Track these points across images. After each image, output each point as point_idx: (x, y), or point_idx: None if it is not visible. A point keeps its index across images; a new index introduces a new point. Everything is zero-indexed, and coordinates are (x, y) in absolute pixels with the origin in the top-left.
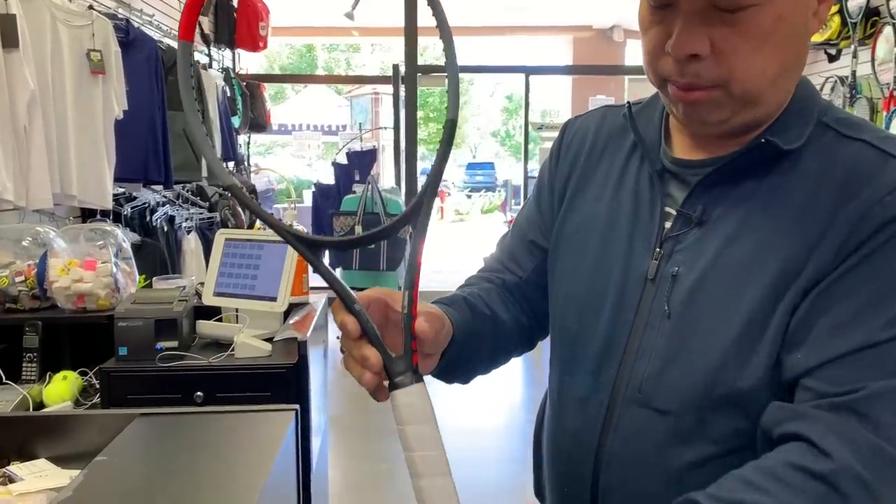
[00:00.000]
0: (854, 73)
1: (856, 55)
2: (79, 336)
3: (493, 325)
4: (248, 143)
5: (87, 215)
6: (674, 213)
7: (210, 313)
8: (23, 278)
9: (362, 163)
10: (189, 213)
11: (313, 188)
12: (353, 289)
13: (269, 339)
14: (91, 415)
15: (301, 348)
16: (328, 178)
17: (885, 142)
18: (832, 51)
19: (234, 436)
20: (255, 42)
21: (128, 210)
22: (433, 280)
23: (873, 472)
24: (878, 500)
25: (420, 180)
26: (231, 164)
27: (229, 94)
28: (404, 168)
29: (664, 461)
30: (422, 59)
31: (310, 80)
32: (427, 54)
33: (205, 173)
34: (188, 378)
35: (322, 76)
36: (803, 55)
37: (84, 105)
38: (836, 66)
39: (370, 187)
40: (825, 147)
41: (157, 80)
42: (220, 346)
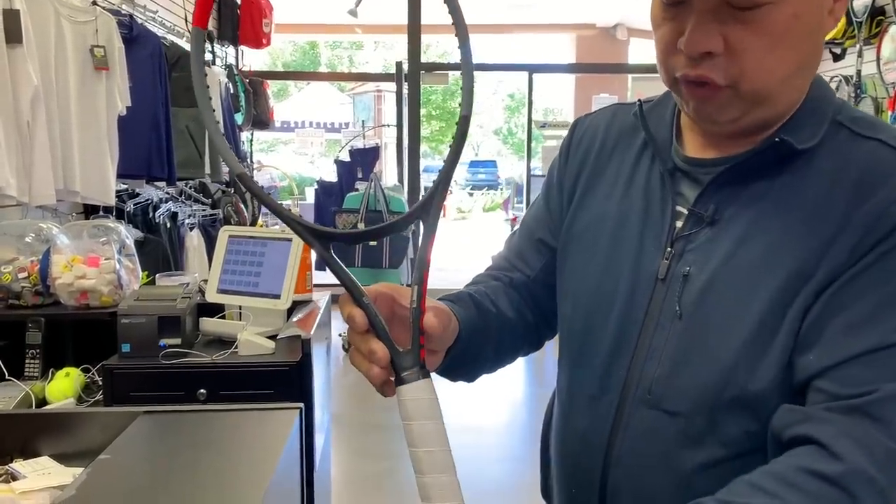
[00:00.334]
0: (859, 72)
1: (861, 54)
2: (82, 333)
3: (500, 324)
4: (251, 140)
5: (89, 212)
6: (685, 212)
7: (213, 310)
8: (26, 274)
9: (365, 160)
10: (192, 209)
11: (316, 185)
12: None
13: (272, 337)
14: (94, 412)
15: (305, 346)
16: (331, 176)
17: None
18: (837, 50)
19: (238, 434)
20: (258, 39)
21: (130, 206)
22: (435, 277)
23: (886, 476)
24: (890, 502)
25: (423, 178)
26: None
27: (232, 90)
28: (407, 166)
29: (673, 463)
30: (425, 57)
31: (313, 77)
32: (430, 52)
33: (208, 170)
34: (191, 375)
35: (325, 73)
36: (818, 54)
37: (87, 101)
38: (840, 65)
39: (373, 185)
40: (839, 146)
41: (161, 76)
42: (223, 343)
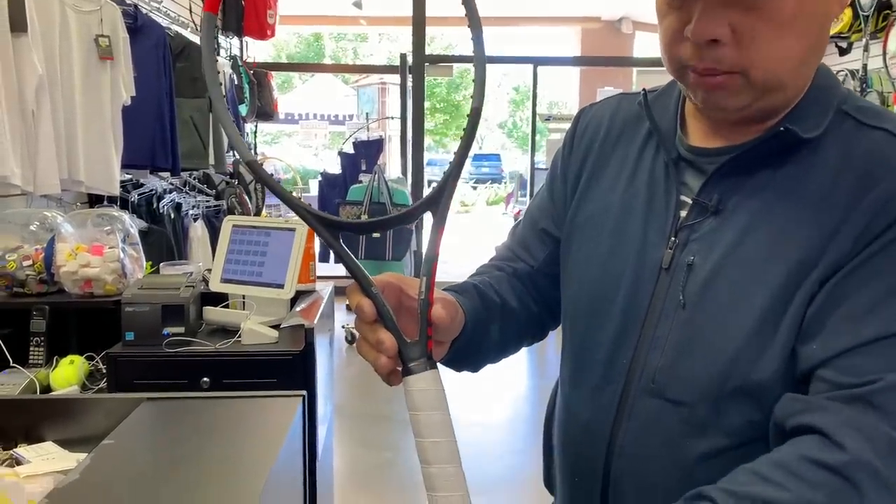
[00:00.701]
0: (865, 66)
1: (867, 48)
2: (86, 321)
3: (503, 314)
4: (255, 132)
5: (94, 202)
6: (689, 201)
7: (217, 300)
8: (30, 262)
9: (369, 153)
10: (196, 200)
11: (320, 177)
12: None
13: (275, 326)
14: (98, 399)
15: (308, 335)
16: (334, 168)
17: None
18: (843, 44)
19: (242, 421)
20: (262, 30)
21: (135, 197)
22: (438, 270)
23: (889, 465)
24: (892, 492)
25: (427, 171)
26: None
27: (237, 82)
28: (411, 158)
29: (676, 452)
30: (429, 49)
31: (317, 69)
32: (434, 44)
33: (212, 161)
34: (195, 364)
35: (329, 65)
36: (824, 41)
37: (92, 90)
38: (847, 59)
39: (376, 177)
40: (845, 136)
41: (165, 66)
42: (226, 332)
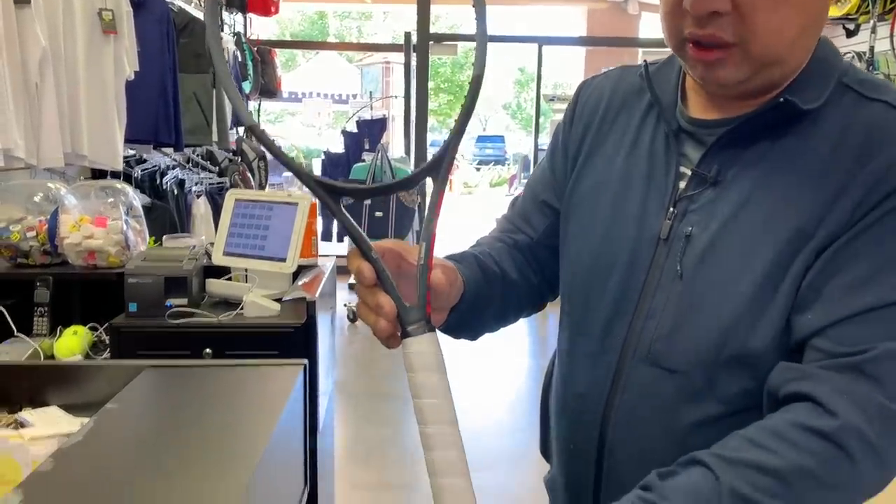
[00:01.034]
0: (872, 48)
1: (874, 31)
2: (89, 292)
3: (503, 284)
4: (259, 110)
5: (97, 177)
6: (689, 173)
7: (219, 274)
8: (34, 233)
9: (372, 132)
10: (199, 177)
11: (323, 156)
12: None
13: (277, 300)
14: (101, 365)
15: (310, 308)
16: (338, 147)
17: None
18: (850, 26)
19: (243, 388)
20: (266, 6)
21: (138, 173)
22: (439, 253)
23: (879, 432)
24: (883, 459)
25: (430, 151)
26: (241, 128)
27: (240, 59)
28: (414, 138)
29: (671, 420)
30: (434, 28)
31: (321, 46)
32: (439, 23)
33: (215, 137)
34: (197, 335)
35: (333, 43)
36: (824, 14)
37: (95, 64)
38: (854, 41)
39: (379, 156)
40: (845, 108)
41: (169, 42)
42: (229, 305)
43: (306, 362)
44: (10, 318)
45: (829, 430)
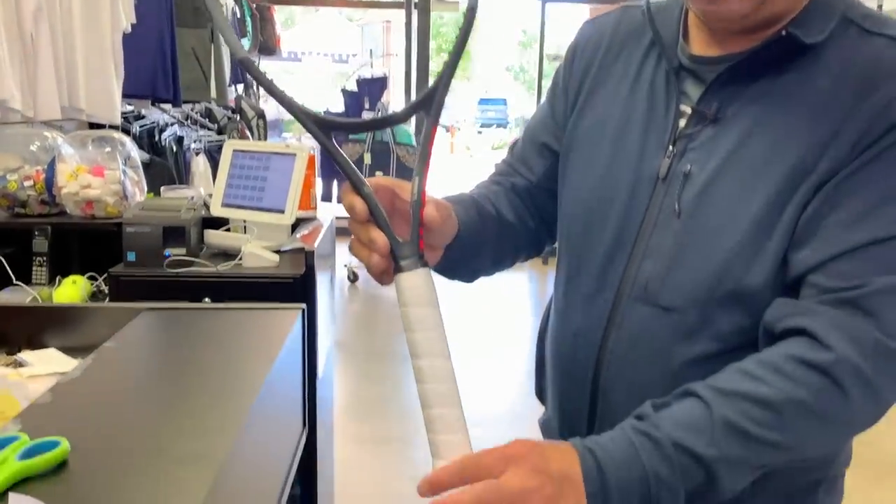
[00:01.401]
0: (881, 6)
1: None
2: (88, 242)
3: (499, 226)
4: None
5: None
6: (689, 110)
7: (218, 226)
8: (31, 183)
9: (372, 91)
10: (198, 134)
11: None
12: None
13: (276, 252)
14: (99, 307)
15: (308, 258)
16: (338, 106)
17: None
18: None
19: (240, 330)
20: None
21: (136, 129)
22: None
23: (873, 366)
24: (877, 393)
25: None
26: (240, 86)
27: (239, 15)
28: (415, 98)
29: (666, 358)
30: None
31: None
32: None
33: (213, 94)
34: (196, 284)
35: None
36: None
37: (91, 16)
38: None
39: (380, 115)
40: (848, 43)
41: None
42: (227, 256)
43: (304, 306)
44: (8, 267)
45: (824, 364)
